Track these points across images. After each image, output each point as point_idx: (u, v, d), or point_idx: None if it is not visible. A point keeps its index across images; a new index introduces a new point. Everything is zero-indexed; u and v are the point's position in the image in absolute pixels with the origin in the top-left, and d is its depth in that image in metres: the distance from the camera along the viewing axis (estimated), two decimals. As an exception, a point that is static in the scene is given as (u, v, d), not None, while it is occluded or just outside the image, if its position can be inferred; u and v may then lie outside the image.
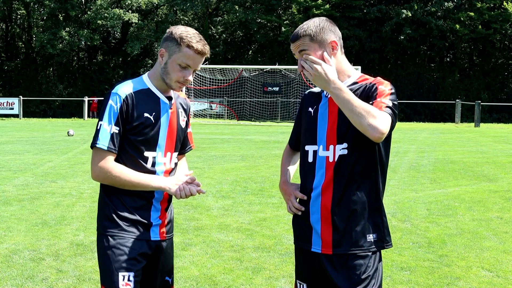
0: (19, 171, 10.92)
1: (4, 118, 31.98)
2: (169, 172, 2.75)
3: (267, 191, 9.08)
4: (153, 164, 2.69)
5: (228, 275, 5.02)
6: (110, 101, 2.62)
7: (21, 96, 33.26)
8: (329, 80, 2.46)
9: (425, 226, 6.88)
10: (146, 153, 2.67)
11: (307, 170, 2.64)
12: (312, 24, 2.59)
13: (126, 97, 2.63)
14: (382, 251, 2.67)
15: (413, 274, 5.09)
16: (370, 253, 2.56)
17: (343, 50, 2.67)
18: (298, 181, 2.76)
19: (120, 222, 2.65)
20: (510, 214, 7.61)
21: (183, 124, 2.84)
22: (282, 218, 7.13)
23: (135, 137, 2.64)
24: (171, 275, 2.87)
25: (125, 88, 2.66)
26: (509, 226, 6.91)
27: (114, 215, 2.65)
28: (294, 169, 2.91)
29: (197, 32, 2.68)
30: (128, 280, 2.60)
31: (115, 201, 2.67)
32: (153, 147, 2.69)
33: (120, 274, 2.59)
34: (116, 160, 2.66)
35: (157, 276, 2.81)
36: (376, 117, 2.39)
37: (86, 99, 33.45)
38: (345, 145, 2.53)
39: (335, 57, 2.59)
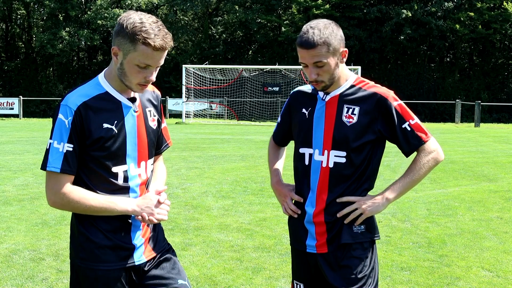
0: (19, 171, 10.92)
1: (4, 118, 31.98)
2: (146, 183, 2.43)
3: (267, 191, 9.08)
4: (125, 179, 2.34)
5: (228, 275, 5.02)
6: (59, 115, 2.24)
7: (21, 96, 33.24)
8: (381, 207, 2.56)
9: (425, 226, 6.88)
10: (115, 169, 2.31)
11: (302, 173, 2.64)
12: (327, 31, 2.45)
13: (78, 108, 2.24)
14: (383, 252, 2.68)
15: (413, 274, 5.09)
16: (364, 251, 2.57)
17: None
18: (287, 179, 2.76)
19: (98, 252, 2.32)
20: (510, 214, 7.61)
21: (153, 124, 2.45)
22: (282, 218, 7.13)
23: (98, 153, 2.28)
24: (186, 277, 2.55)
25: (76, 97, 2.27)
26: (509, 226, 6.91)
27: (90, 245, 2.32)
28: (282, 164, 2.93)
29: (154, 19, 2.23)
30: None
31: (89, 228, 2.32)
32: (121, 160, 2.32)
33: None
34: (81, 179, 2.31)
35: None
36: (434, 156, 2.58)
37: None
38: (343, 153, 2.53)
39: (340, 65, 2.54)
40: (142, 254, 2.40)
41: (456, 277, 5.02)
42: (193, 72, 30.71)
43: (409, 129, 2.53)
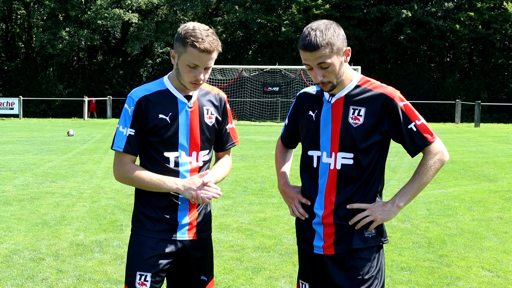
0: (19, 171, 10.92)
1: (4, 118, 31.97)
2: (197, 170, 2.73)
3: (267, 191, 9.08)
4: (176, 164, 2.69)
5: (228, 275, 5.02)
6: (125, 105, 2.70)
7: (21, 96, 33.24)
8: (392, 214, 2.54)
9: (425, 226, 6.88)
10: (166, 154, 2.68)
11: (310, 175, 2.63)
12: (329, 32, 2.43)
13: (140, 100, 2.66)
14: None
15: (413, 274, 5.09)
16: (371, 252, 2.57)
17: None
18: (294, 180, 2.75)
19: (146, 222, 2.70)
20: (510, 214, 7.61)
21: (210, 121, 2.77)
22: (282, 218, 7.13)
23: (153, 139, 2.67)
24: (207, 273, 2.85)
25: (140, 91, 2.71)
26: (509, 226, 6.92)
27: (141, 215, 2.73)
28: (289, 167, 2.92)
29: (206, 27, 2.58)
30: (145, 280, 2.65)
31: (143, 201, 2.73)
32: (173, 147, 2.68)
33: (138, 273, 2.66)
34: (141, 161, 2.74)
35: (190, 275, 2.80)
36: (440, 157, 2.56)
37: (86, 99, 33.46)
38: (350, 155, 2.53)
39: (345, 64, 2.53)
40: (186, 232, 2.72)
41: (456, 277, 5.02)
42: (193, 72, 30.65)
43: (415, 129, 2.52)
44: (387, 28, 37.98)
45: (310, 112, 2.64)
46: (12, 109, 32.81)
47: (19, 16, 46.14)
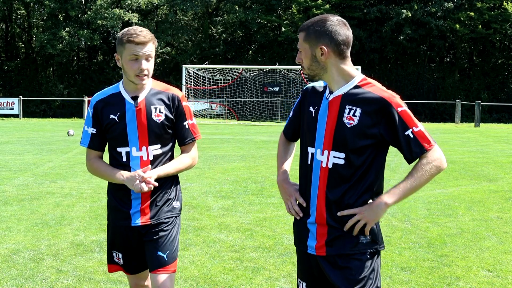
0: (19, 171, 10.92)
1: (4, 118, 31.96)
2: (149, 164, 3.03)
3: (267, 191, 9.08)
4: (127, 158, 3.03)
5: (228, 275, 5.02)
6: (88, 108, 3.12)
7: (21, 96, 33.20)
8: (380, 212, 2.50)
9: (425, 226, 6.88)
10: (119, 149, 3.04)
11: (306, 172, 2.62)
12: (318, 22, 2.49)
13: (96, 103, 3.07)
14: (383, 252, 2.67)
15: (413, 274, 5.09)
16: (364, 254, 2.55)
17: (346, 54, 2.57)
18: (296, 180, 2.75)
19: (111, 211, 3.17)
20: (510, 214, 7.61)
21: (157, 118, 3.02)
22: (282, 218, 7.13)
23: (108, 135, 3.07)
24: (165, 251, 3.08)
25: (98, 95, 3.11)
26: (509, 226, 6.91)
27: (108, 206, 3.19)
28: (290, 162, 2.90)
29: (138, 27, 2.94)
30: (119, 257, 3.23)
31: (109, 193, 3.17)
32: (123, 143, 3.02)
33: (113, 252, 3.25)
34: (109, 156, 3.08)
35: (148, 252, 3.10)
36: (437, 164, 2.50)
37: (86, 99, 33.46)
38: (342, 154, 2.50)
39: (324, 63, 2.52)
40: (138, 219, 3.06)
41: (456, 277, 5.01)
42: (193, 72, 30.70)
43: (412, 136, 2.47)
44: (387, 28, 37.97)
45: (311, 108, 2.63)
46: (12, 109, 32.76)
47: (19, 16, 46.11)
